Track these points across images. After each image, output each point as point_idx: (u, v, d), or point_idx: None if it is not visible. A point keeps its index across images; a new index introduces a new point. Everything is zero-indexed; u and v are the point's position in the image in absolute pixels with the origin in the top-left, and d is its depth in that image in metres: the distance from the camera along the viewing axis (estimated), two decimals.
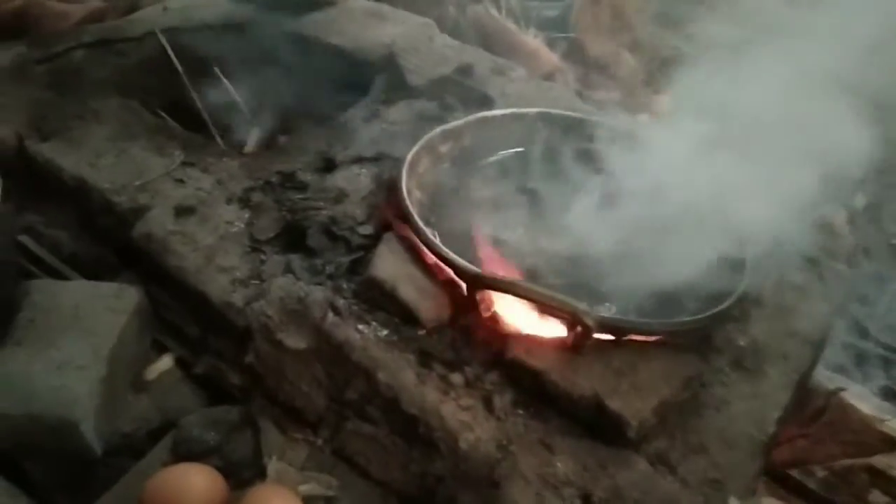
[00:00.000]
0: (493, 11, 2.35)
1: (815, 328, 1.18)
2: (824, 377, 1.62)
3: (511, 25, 2.38)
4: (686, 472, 0.96)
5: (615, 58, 2.56)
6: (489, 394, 1.02)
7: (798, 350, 1.14)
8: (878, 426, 1.26)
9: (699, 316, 1.04)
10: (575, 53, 2.57)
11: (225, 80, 1.69)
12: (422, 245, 1.10)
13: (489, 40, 2.38)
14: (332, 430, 1.12)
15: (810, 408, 1.23)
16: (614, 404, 0.96)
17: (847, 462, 1.30)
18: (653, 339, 1.04)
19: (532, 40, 2.42)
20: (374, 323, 1.08)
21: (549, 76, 2.27)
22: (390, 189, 1.22)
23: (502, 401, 1.02)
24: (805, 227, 1.38)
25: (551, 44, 2.45)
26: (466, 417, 0.99)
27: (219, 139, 1.55)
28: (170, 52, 1.62)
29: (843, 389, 1.27)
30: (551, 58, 2.41)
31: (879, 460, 1.32)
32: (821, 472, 1.33)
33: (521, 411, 1.01)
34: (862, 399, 1.37)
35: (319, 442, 1.13)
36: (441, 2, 2.49)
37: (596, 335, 1.01)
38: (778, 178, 1.26)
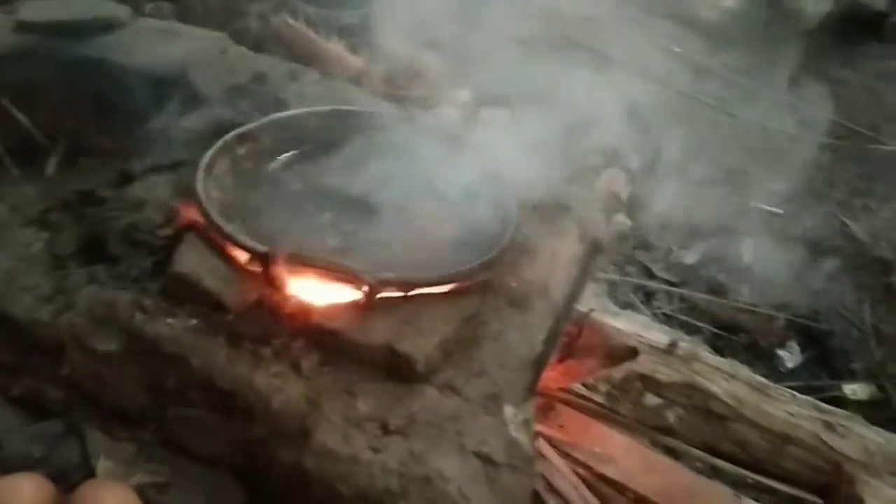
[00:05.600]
0: (292, 21, 2.47)
1: (573, 266, 1.41)
2: (613, 314, 1.91)
3: (312, 34, 2.51)
4: (469, 393, 1.13)
5: (418, 58, 2.76)
6: (297, 359, 1.14)
7: (559, 285, 1.36)
8: (625, 339, 1.52)
9: (464, 267, 1.22)
10: (380, 57, 2.74)
11: (14, 110, 1.67)
12: (215, 232, 1.19)
13: (294, 50, 2.50)
14: (157, 421, 1.18)
15: (572, 333, 1.46)
16: (403, 347, 1.12)
17: (620, 373, 1.55)
18: (434, 290, 1.21)
19: (335, 47, 2.56)
20: (182, 315, 1.16)
21: (356, 79, 2.42)
22: (188, 191, 1.30)
23: (309, 363, 1.13)
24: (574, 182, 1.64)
25: (354, 49, 2.61)
26: (277, 382, 1.11)
27: (13, 168, 1.54)
28: None
29: (592, 311, 1.52)
30: (357, 62, 2.57)
31: (646, 367, 1.59)
32: (603, 387, 1.58)
33: (326, 369, 1.14)
34: (624, 321, 1.64)
35: (147, 436, 1.19)
36: (243, 16, 2.57)
37: (382, 293, 1.16)
38: (547, 144, 1.51)
